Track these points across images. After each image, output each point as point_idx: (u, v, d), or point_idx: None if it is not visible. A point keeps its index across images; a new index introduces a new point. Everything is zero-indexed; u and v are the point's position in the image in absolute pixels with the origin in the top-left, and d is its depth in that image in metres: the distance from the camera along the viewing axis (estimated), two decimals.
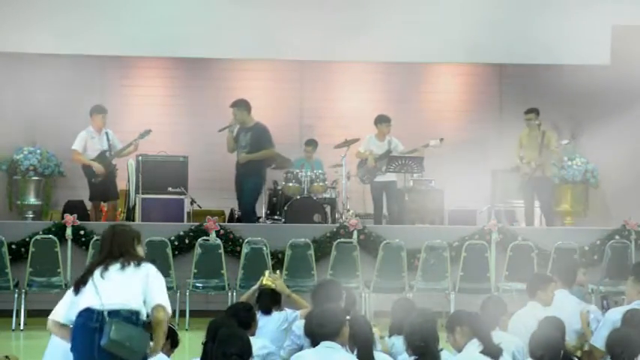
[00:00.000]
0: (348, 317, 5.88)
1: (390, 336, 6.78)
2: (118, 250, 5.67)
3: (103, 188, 12.29)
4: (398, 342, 6.39)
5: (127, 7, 13.47)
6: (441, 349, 5.70)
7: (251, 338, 5.58)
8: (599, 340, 6.58)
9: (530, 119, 12.73)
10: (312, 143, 14.02)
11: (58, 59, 14.12)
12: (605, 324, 6.78)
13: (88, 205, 12.88)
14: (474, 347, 5.79)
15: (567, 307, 7.36)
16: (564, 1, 14.00)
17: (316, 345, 5.63)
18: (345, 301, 6.73)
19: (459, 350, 5.89)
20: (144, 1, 13.65)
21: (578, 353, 7.01)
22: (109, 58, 14.24)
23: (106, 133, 12.36)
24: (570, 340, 7.00)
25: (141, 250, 5.83)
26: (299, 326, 6.58)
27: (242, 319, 6.36)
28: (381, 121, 13.22)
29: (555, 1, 14.00)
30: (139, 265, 5.62)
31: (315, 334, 5.66)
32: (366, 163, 13.12)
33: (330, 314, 5.71)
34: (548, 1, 14.00)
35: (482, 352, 5.74)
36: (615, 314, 6.79)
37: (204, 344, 5.55)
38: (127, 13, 13.44)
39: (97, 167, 12.16)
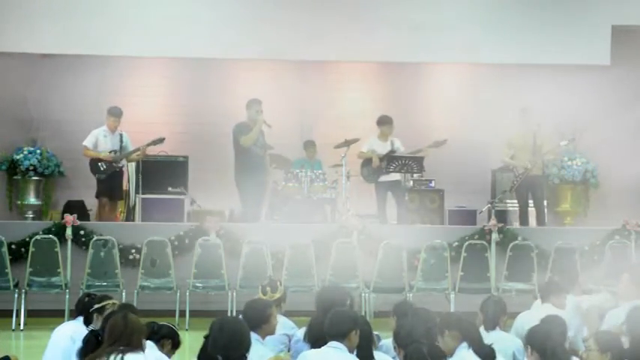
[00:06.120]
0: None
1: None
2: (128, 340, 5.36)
3: (110, 186, 12.29)
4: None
5: (128, 7, 13.49)
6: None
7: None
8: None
9: (523, 117, 12.66)
10: (311, 144, 14.00)
11: (59, 59, 14.13)
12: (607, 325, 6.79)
13: (89, 204, 12.89)
14: (465, 350, 5.75)
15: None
16: (564, 1, 14.01)
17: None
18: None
19: (450, 353, 5.83)
20: (144, 1, 13.66)
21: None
22: (110, 58, 14.23)
23: (120, 135, 12.39)
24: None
25: None
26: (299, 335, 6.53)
27: None
28: (384, 122, 13.18)
29: (555, 1, 14.00)
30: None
31: (324, 334, 5.61)
32: (369, 162, 13.11)
33: (342, 316, 5.66)
34: (548, 2, 14.00)
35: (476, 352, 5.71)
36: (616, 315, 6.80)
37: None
38: (127, 13, 13.45)
39: (105, 155, 12.17)
